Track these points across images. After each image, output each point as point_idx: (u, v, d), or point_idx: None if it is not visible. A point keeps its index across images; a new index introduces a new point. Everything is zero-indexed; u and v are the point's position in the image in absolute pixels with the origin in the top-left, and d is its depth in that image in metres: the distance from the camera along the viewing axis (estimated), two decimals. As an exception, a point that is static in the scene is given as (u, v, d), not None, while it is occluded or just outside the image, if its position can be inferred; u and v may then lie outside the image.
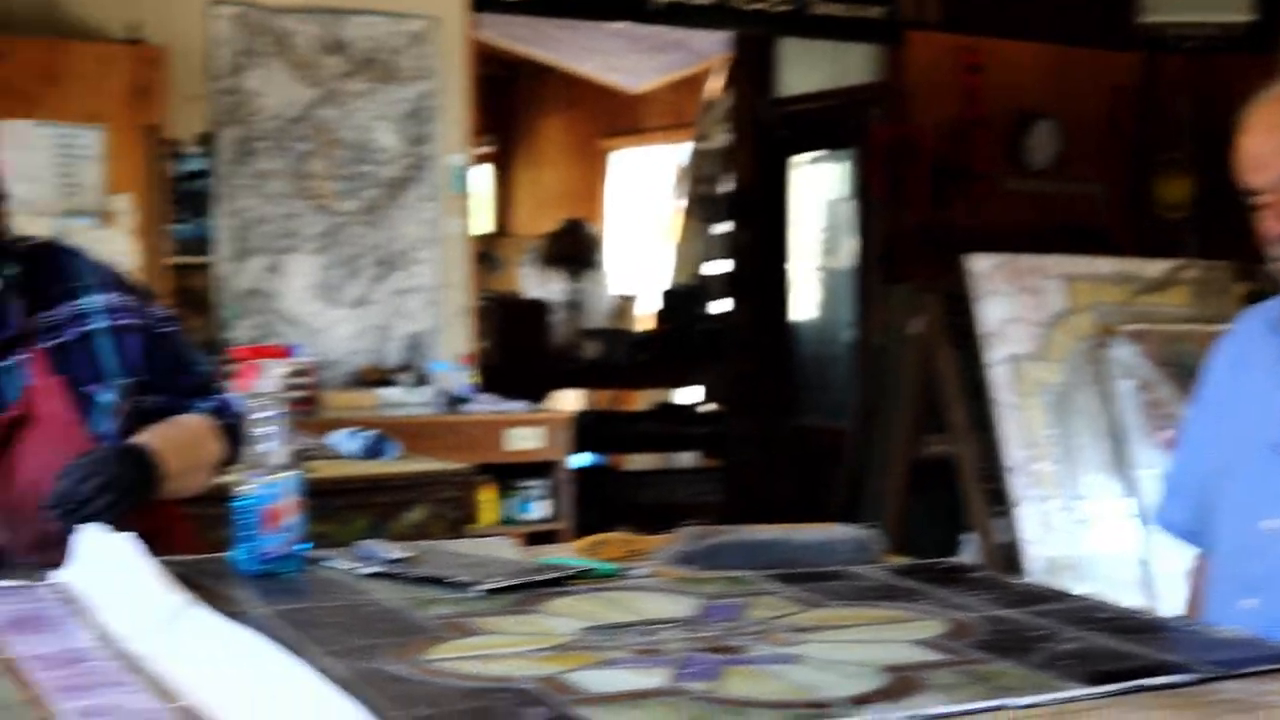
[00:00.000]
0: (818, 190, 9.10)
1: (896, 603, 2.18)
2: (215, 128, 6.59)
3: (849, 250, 8.76)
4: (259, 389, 2.33)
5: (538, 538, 6.39)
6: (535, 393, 8.02)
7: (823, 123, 8.80)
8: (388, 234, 6.94)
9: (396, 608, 2.11)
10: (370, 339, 6.90)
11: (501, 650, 1.87)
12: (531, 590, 2.21)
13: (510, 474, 6.53)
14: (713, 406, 10.28)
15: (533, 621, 2.03)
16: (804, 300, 9.17)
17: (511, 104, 13.47)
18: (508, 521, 6.47)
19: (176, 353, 2.72)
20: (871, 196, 8.39)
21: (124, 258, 5.76)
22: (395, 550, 2.39)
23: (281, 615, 2.05)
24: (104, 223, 6.05)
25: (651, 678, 1.74)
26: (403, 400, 6.66)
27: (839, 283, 8.91)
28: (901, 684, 1.71)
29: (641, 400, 11.63)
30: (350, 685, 1.64)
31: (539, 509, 6.62)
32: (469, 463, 4.93)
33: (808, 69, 8.89)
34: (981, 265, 6.00)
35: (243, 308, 6.61)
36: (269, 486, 2.31)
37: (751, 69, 9.14)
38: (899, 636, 1.97)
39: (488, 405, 6.67)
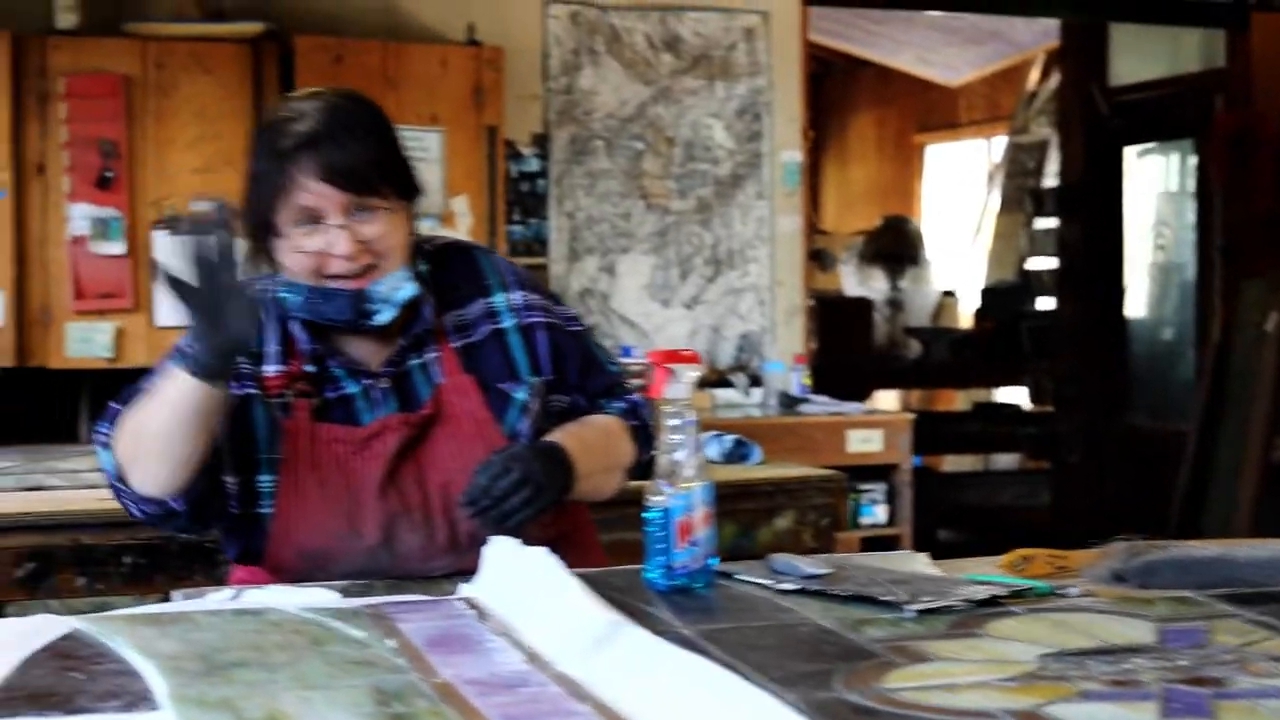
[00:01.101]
0: (1149, 182, 8.78)
1: (1371, 628, 1.99)
2: (550, 128, 6.59)
3: (1185, 244, 8.43)
4: (670, 395, 2.22)
5: (876, 543, 6.25)
6: (857, 392, 7.87)
7: (1157, 112, 8.47)
8: (720, 232, 6.86)
9: (830, 629, 1.98)
10: (703, 339, 6.82)
11: (963, 679, 1.72)
12: (965, 611, 2.07)
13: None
14: (1029, 405, 10.03)
15: (983, 647, 1.89)
16: (1136, 296, 8.85)
17: (822, 100, 13.33)
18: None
19: (586, 352, 2.65)
20: (1212, 187, 8.05)
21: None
22: (812, 565, 2.27)
23: (707, 635, 1.94)
24: (444, 224, 6.07)
25: (1138, 714, 1.59)
26: (738, 401, 6.58)
27: (1173, 278, 8.58)
28: None
29: (959, 400, 11.41)
30: (811, 718, 1.53)
31: (877, 513, 6.47)
32: (811, 465, 4.80)
33: (1141, 56, 8.58)
34: (1342, 258, 5.72)
35: (578, 308, 6.59)
36: (681, 497, 2.21)
37: (1081, 58, 8.85)
38: (1391, 668, 1.79)
39: (824, 406, 6.54)
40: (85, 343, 5.75)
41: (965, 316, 11.00)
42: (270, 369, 2.47)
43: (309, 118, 2.36)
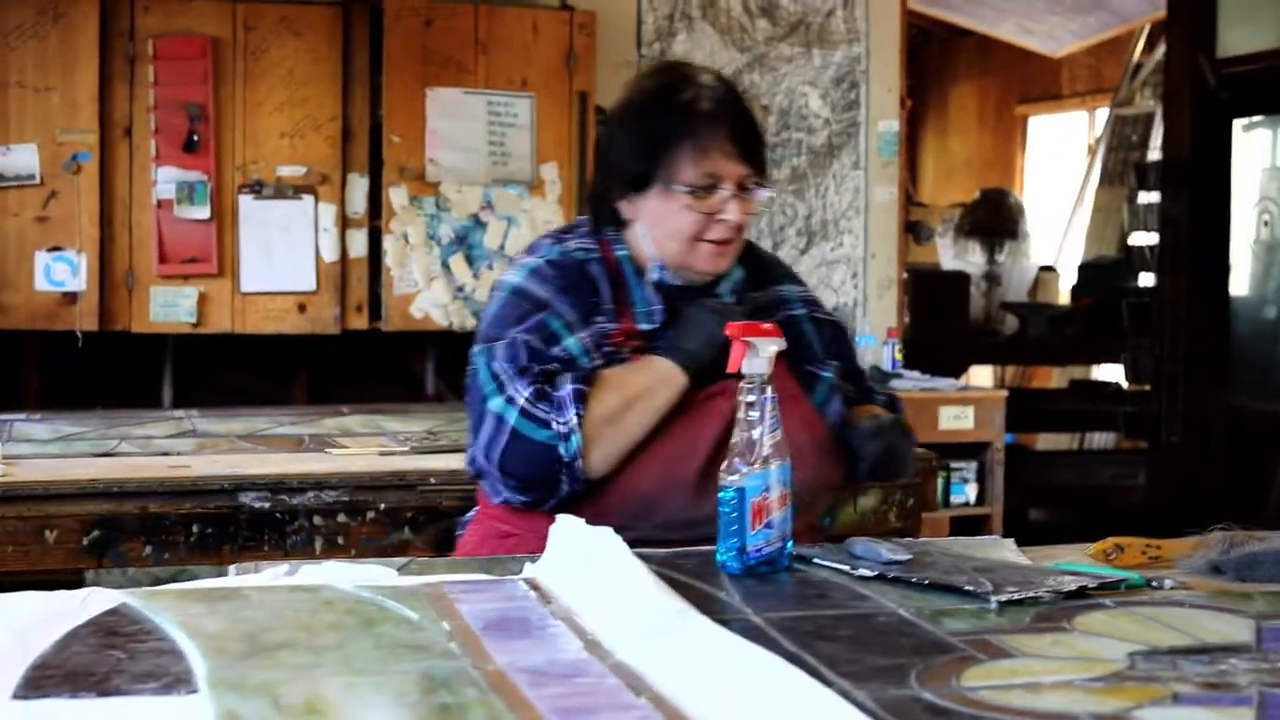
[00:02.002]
0: (1255, 156, 8.57)
1: None
2: (642, 95, 6.50)
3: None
4: (748, 370, 2.13)
5: (966, 522, 6.13)
6: (951, 368, 7.73)
7: (1267, 84, 8.25)
8: (814, 203, 6.74)
9: (908, 619, 1.88)
10: (794, 311, 6.72)
11: (1046, 678, 1.62)
12: (1052, 603, 1.96)
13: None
14: (1126, 383, 9.84)
15: (1069, 642, 1.78)
16: (1239, 273, 8.65)
17: (920, 69, 13.15)
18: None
19: (853, 346, 2.87)
20: (1321, 163, 7.85)
21: (553, 228, 5.70)
22: (893, 549, 2.17)
23: (777, 624, 1.84)
24: (532, 192, 5.99)
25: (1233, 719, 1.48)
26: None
27: (1277, 256, 8.37)
28: None
29: (1055, 377, 11.23)
30: (882, 718, 1.44)
31: (968, 492, 6.34)
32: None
33: (1250, 27, 8.36)
34: None
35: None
36: (757, 477, 2.11)
37: (1188, 28, 8.64)
38: None
39: (916, 382, 6.42)
40: (169, 307, 5.73)
41: (1064, 292, 10.81)
42: (610, 325, 2.56)
43: (716, 88, 2.53)
